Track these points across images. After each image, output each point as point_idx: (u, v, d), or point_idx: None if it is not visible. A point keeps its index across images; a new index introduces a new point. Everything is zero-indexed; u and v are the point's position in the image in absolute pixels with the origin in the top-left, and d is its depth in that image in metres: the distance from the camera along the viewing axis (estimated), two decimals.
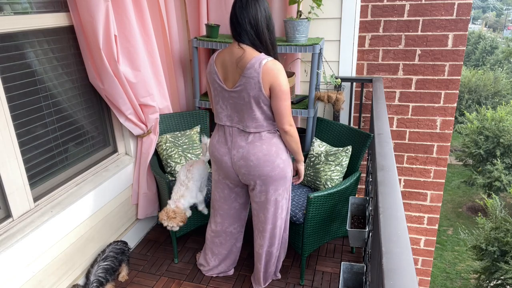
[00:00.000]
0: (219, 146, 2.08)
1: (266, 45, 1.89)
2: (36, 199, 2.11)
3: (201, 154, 2.38)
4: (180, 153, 2.77)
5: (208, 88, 2.12)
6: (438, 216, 3.45)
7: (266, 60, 1.83)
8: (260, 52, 1.88)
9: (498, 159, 10.12)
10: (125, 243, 2.51)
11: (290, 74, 2.85)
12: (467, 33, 2.93)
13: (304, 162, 2.61)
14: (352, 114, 3.21)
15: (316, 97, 2.75)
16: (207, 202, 2.56)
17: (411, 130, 3.26)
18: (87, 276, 2.24)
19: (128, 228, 2.77)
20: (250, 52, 1.85)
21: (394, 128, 3.28)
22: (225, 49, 1.96)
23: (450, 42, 2.96)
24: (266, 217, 2.14)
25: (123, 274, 2.47)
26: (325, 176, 2.53)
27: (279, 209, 2.14)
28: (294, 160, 2.16)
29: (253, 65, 1.82)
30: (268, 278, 2.39)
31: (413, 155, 3.32)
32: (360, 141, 2.54)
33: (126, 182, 2.68)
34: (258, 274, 2.34)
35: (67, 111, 2.29)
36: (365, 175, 3.06)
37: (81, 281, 2.32)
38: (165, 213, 2.29)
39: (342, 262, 1.90)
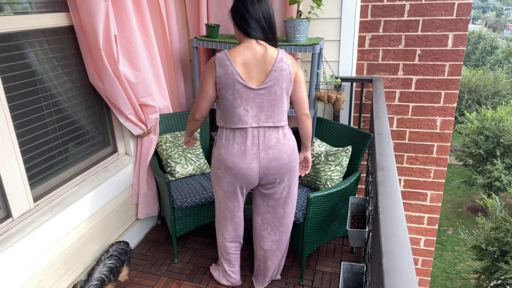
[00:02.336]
0: (242, 156, 1.92)
1: (275, 40, 1.93)
2: (36, 199, 2.11)
3: None
4: (180, 153, 2.77)
5: (213, 94, 1.90)
6: (438, 216, 3.45)
7: (285, 52, 1.90)
8: (272, 46, 1.92)
9: (498, 159, 10.12)
10: (126, 243, 2.52)
11: None
12: (467, 33, 2.93)
13: None
14: (352, 114, 3.21)
15: (316, 97, 2.75)
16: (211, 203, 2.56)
17: (411, 130, 3.26)
18: (90, 274, 2.23)
19: (128, 228, 2.77)
20: (270, 47, 1.88)
21: (394, 128, 3.28)
22: (238, 48, 1.85)
23: (450, 42, 2.96)
24: (285, 211, 2.14)
25: (123, 274, 2.47)
26: (325, 176, 2.53)
27: (295, 200, 2.17)
28: (301, 151, 2.17)
29: (282, 58, 1.86)
30: (270, 277, 2.38)
31: (413, 155, 3.32)
32: (360, 141, 2.54)
33: (126, 182, 2.68)
34: (265, 272, 2.34)
35: (67, 111, 2.29)
36: (365, 175, 3.06)
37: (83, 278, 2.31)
38: None
39: (342, 262, 1.90)
